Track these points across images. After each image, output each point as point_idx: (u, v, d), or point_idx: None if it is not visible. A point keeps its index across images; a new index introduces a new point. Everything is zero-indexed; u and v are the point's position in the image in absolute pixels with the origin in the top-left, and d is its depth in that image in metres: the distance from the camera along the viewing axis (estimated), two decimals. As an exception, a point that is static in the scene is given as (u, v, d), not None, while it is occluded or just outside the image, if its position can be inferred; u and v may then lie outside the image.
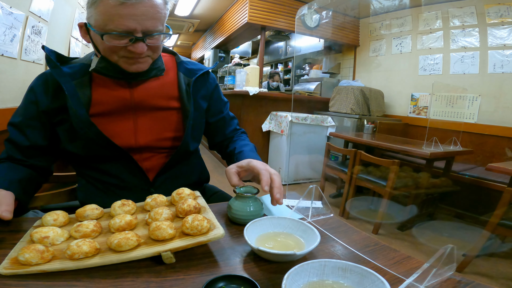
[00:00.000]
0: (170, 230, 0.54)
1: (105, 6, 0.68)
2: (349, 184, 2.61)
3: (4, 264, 0.47)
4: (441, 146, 2.39)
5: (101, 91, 0.82)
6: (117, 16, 0.68)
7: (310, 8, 4.11)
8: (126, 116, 0.84)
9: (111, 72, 0.80)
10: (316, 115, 3.72)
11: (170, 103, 0.89)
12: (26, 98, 0.83)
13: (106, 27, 0.70)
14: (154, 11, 0.72)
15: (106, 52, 0.76)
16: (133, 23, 0.70)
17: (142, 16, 0.70)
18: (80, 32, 0.80)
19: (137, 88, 0.85)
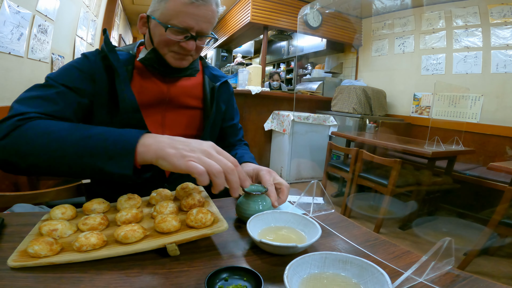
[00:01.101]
0: (175, 223, 0.56)
1: (175, 2, 0.77)
2: (351, 183, 2.62)
3: (13, 256, 0.48)
4: (443, 146, 2.40)
5: (140, 82, 0.89)
6: (182, 14, 0.77)
7: (312, 7, 4.12)
8: (157, 109, 0.91)
9: (156, 64, 0.87)
10: (318, 115, 3.73)
11: (195, 103, 0.97)
12: (68, 70, 0.82)
13: (169, 21, 0.78)
14: (211, 16, 0.82)
15: (160, 43, 0.83)
16: (193, 22, 0.79)
17: (202, 17, 0.79)
18: (138, 23, 0.88)
19: (172, 84, 0.93)
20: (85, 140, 0.60)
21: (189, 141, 0.61)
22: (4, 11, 1.42)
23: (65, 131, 0.62)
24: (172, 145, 0.59)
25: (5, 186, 1.50)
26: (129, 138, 0.60)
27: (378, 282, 0.44)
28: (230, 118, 1.10)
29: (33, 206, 0.98)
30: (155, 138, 0.61)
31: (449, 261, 0.53)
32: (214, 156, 0.59)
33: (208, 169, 0.56)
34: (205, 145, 0.61)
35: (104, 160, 0.58)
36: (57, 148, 0.60)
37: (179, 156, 0.57)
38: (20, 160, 0.61)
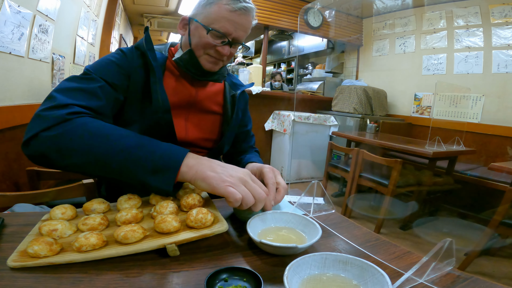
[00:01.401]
0: (175, 223, 0.56)
1: (219, 8, 0.82)
2: (351, 183, 2.61)
3: (13, 256, 0.48)
4: (444, 146, 2.39)
5: (171, 84, 0.92)
6: (224, 19, 0.82)
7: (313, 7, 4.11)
8: (182, 111, 0.94)
9: (189, 65, 0.90)
10: (318, 115, 3.72)
11: (216, 108, 1.01)
12: (107, 64, 0.83)
13: (211, 25, 0.83)
14: (248, 26, 0.88)
15: (198, 45, 0.87)
16: (232, 29, 0.84)
17: (240, 25, 0.85)
18: (179, 24, 0.93)
19: (199, 88, 0.96)
20: (133, 150, 0.61)
21: (227, 166, 0.65)
22: (5, 11, 1.42)
23: (114, 136, 0.63)
24: (212, 168, 0.62)
25: (6, 186, 1.50)
26: (175, 156, 0.62)
27: (379, 283, 0.44)
28: (244, 124, 1.14)
29: (33, 206, 0.98)
30: (197, 160, 0.64)
31: (450, 261, 0.53)
32: (250, 185, 0.62)
33: (244, 197, 0.59)
34: (241, 173, 0.64)
35: (147, 172, 0.60)
36: (104, 153, 0.61)
37: (219, 180, 0.60)
38: (60, 157, 0.61)
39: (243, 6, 0.83)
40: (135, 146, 0.61)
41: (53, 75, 2.09)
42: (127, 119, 0.85)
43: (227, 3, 0.82)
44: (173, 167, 0.60)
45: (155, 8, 5.27)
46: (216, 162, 0.65)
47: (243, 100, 1.10)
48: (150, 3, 5.00)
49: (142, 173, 0.60)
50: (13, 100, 1.58)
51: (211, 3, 0.83)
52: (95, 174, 0.65)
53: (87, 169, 0.63)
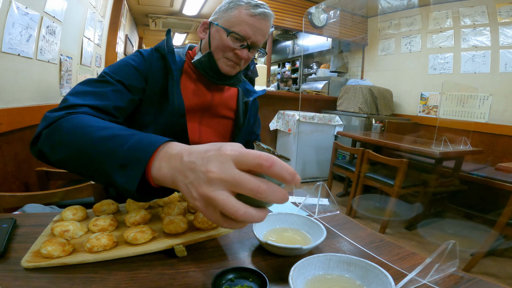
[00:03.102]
0: (183, 224, 0.57)
1: (239, 12, 0.85)
2: (357, 183, 2.61)
3: (27, 257, 0.49)
4: (451, 146, 2.38)
5: (187, 87, 0.93)
6: (244, 23, 0.85)
7: (318, 7, 4.11)
8: (196, 115, 0.95)
9: (207, 68, 0.91)
10: (323, 114, 3.72)
11: (229, 113, 1.03)
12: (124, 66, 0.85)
13: (231, 28, 0.86)
14: (266, 31, 0.90)
15: (218, 48, 0.88)
16: (251, 32, 0.86)
17: (259, 30, 0.87)
18: (199, 28, 0.94)
19: (215, 92, 0.98)
20: (105, 141, 0.52)
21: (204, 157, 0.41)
22: (13, 13, 1.45)
23: (92, 128, 0.56)
24: (183, 173, 0.42)
25: (16, 186, 1.53)
26: (145, 148, 0.47)
27: (382, 283, 0.45)
28: (253, 131, 1.17)
29: (43, 206, 1.00)
30: (175, 152, 0.45)
31: (454, 263, 0.54)
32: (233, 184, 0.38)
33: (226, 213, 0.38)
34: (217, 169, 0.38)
35: (114, 167, 0.48)
36: (81, 146, 0.54)
37: (188, 193, 0.41)
38: (51, 152, 0.59)
39: (263, 12, 0.86)
40: (108, 137, 0.52)
41: (61, 76, 2.12)
42: (141, 121, 0.87)
43: (247, 8, 0.85)
44: (140, 160, 0.46)
45: (159, 8, 5.30)
46: (188, 154, 0.43)
47: (254, 107, 1.11)
48: (154, 3, 5.03)
49: (109, 168, 0.49)
50: (22, 101, 1.61)
51: (231, 7, 0.86)
52: (79, 172, 0.56)
53: (72, 166, 0.57)
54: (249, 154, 0.38)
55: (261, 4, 0.87)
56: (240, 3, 0.86)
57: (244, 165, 0.38)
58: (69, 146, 0.56)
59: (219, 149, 0.40)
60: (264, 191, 0.37)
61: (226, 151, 0.39)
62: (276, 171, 0.37)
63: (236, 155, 0.39)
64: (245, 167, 0.38)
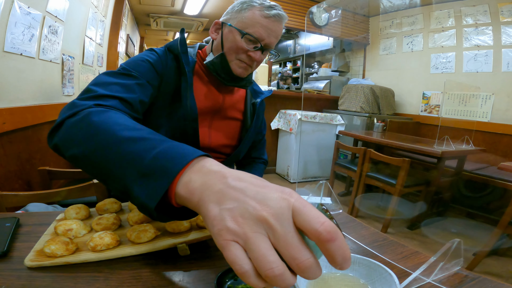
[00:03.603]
0: (186, 223, 0.57)
1: (253, 13, 0.84)
2: (358, 183, 2.61)
3: (30, 256, 0.49)
4: (453, 145, 2.37)
5: (199, 89, 0.93)
6: (258, 25, 0.84)
7: (319, 6, 4.10)
8: (206, 116, 0.95)
9: (219, 69, 0.90)
10: (325, 114, 3.71)
11: (237, 115, 1.03)
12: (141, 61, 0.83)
13: (245, 29, 0.85)
14: (279, 34, 0.89)
15: (231, 49, 0.88)
16: (265, 34, 0.86)
17: (273, 32, 0.87)
18: (211, 28, 0.93)
19: (226, 94, 0.98)
20: (130, 142, 0.45)
21: (254, 190, 0.33)
22: (15, 12, 1.45)
23: (120, 126, 0.49)
24: (221, 195, 0.33)
25: (19, 185, 1.53)
26: (176, 158, 0.40)
27: (386, 282, 0.44)
28: (259, 132, 1.16)
29: (46, 206, 1.01)
30: (212, 167, 0.38)
31: (458, 261, 0.53)
32: (279, 235, 0.29)
33: (255, 264, 0.29)
34: (270, 206, 0.31)
35: (134, 174, 0.41)
36: (99, 142, 0.48)
37: (217, 225, 0.31)
38: (68, 144, 0.53)
39: (277, 13, 0.86)
40: (135, 138, 0.45)
41: (63, 76, 2.12)
42: (154, 122, 0.86)
43: (261, 10, 0.84)
44: (167, 172, 0.38)
45: (161, 8, 5.30)
46: (235, 179, 0.35)
47: (262, 107, 1.11)
48: (156, 3, 5.04)
49: (128, 174, 0.42)
50: (25, 101, 1.61)
51: (245, 8, 0.86)
52: (92, 172, 0.50)
53: (86, 164, 0.50)
54: (314, 215, 0.30)
55: (275, 5, 0.86)
56: (253, 4, 0.85)
57: (301, 223, 0.30)
58: (88, 141, 0.49)
59: (283, 192, 0.32)
60: (305, 269, 0.29)
61: (291, 197, 0.31)
62: (332, 249, 0.28)
63: (299, 207, 0.31)
64: (299, 225, 0.30)
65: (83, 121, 0.53)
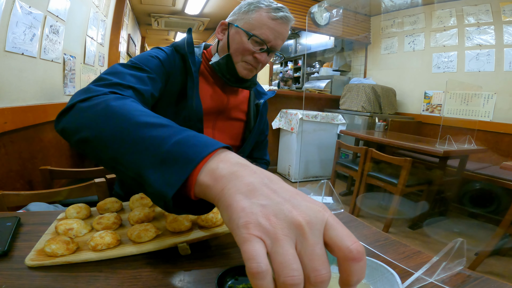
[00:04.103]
0: (187, 223, 0.57)
1: (260, 15, 0.84)
2: (360, 182, 2.60)
3: (31, 255, 0.49)
4: (455, 144, 2.36)
5: (205, 89, 0.92)
6: (265, 26, 0.84)
7: (320, 6, 4.09)
8: (211, 117, 0.94)
9: (224, 70, 0.90)
10: (326, 113, 3.71)
11: (241, 115, 1.03)
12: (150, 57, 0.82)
13: (251, 31, 0.85)
14: (285, 36, 0.89)
15: (238, 51, 0.87)
16: (271, 36, 0.85)
17: (279, 35, 0.87)
18: (218, 28, 0.92)
19: (231, 95, 0.98)
20: (149, 127, 0.42)
21: (285, 190, 0.32)
22: (16, 12, 1.45)
23: (139, 112, 0.47)
24: (251, 188, 0.32)
25: (20, 185, 1.54)
26: (201, 144, 0.38)
27: (388, 282, 0.44)
28: (262, 132, 1.16)
29: (48, 205, 1.01)
30: (241, 160, 0.37)
31: (461, 261, 0.53)
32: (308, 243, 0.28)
33: (276, 268, 0.27)
34: (306, 213, 0.29)
35: (151, 161, 0.39)
36: (114, 125, 0.45)
37: (245, 218, 0.29)
38: (78, 126, 0.50)
39: (284, 16, 0.85)
40: (155, 124, 0.43)
41: (64, 76, 2.13)
42: None
43: (268, 11, 0.84)
44: (189, 159, 0.36)
45: (162, 7, 5.30)
46: (268, 177, 0.34)
47: (265, 108, 1.11)
48: (157, 2, 5.04)
49: (144, 160, 0.39)
50: (26, 100, 1.61)
51: (252, 10, 0.86)
52: (100, 157, 0.47)
53: (95, 148, 0.47)
54: (347, 233, 0.30)
55: (282, 7, 0.86)
56: (260, 5, 0.85)
57: (333, 238, 0.29)
58: (104, 123, 0.47)
59: (317, 204, 0.31)
60: (321, 283, 0.27)
61: (325, 211, 0.31)
62: (354, 269, 0.28)
63: (333, 223, 0.30)
64: (329, 238, 0.29)
65: (99, 105, 0.50)
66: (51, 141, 1.90)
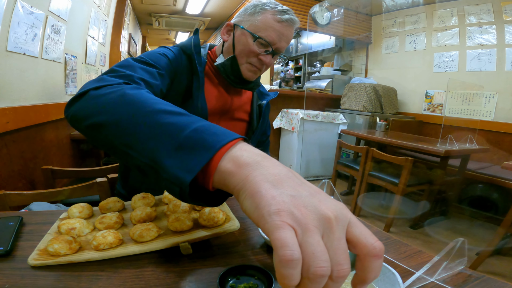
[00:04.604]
0: (188, 222, 0.57)
1: (266, 17, 0.85)
2: (361, 182, 2.60)
3: (34, 255, 0.49)
4: (456, 144, 2.36)
5: (210, 90, 0.93)
6: (271, 29, 0.85)
7: (321, 5, 4.09)
8: (214, 118, 0.95)
9: (229, 72, 0.91)
10: (327, 113, 3.71)
11: (244, 116, 1.04)
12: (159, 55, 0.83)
13: (257, 33, 0.86)
14: (290, 38, 0.90)
15: (243, 52, 0.88)
16: (276, 39, 0.86)
17: (284, 37, 0.87)
18: (223, 29, 0.93)
19: (234, 96, 0.98)
20: (167, 115, 0.42)
21: (307, 186, 0.33)
22: (18, 12, 1.45)
23: (156, 100, 0.47)
24: (278, 180, 0.32)
25: (22, 184, 1.54)
26: (219, 136, 0.38)
27: (389, 281, 0.44)
28: (264, 132, 1.17)
29: (50, 204, 1.01)
30: (256, 155, 0.36)
31: (462, 261, 0.53)
32: (334, 238, 0.29)
33: (306, 258, 0.27)
34: (333, 209, 0.30)
35: (168, 146, 0.38)
36: (131, 110, 0.45)
37: (276, 206, 0.29)
38: (90, 112, 0.49)
39: (290, 18, 0.86)
40: (172, 112, 0.43)
41: (66, 75, 2.13)
42: None
43: (273, 14, 0.85)
44: (207, 147, 0.36)
45: (162, 7, 5.31)
46: (291, 171, 0.34)
47: (267, 109, 1.11)
48: (157, 2, 5.04)
49: (163, 145, 0.38)
50: (28, 100, 1.62)
51: (258, 12, 0.86)
52: (112, 143, 0.46)
53: (108, 134, 0.46)
54: (369, 232, 0.30)
55: (288, 10, 0.87)
56: (266, 8, 0.86)
57: (357, 235, 0.30)
58: (120, 108, 0.46)
59: (339, 202, 0.32)
60: (342, 277, 0.28)
61: (348, 211, 0.31)
62: (373, 265, 0.29)
63: (356, 222, 0.31)
64: (353, 235, 0.30)
65: (115, 93, 0.49)
66: (52, 140, 1.90)
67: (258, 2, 0.88)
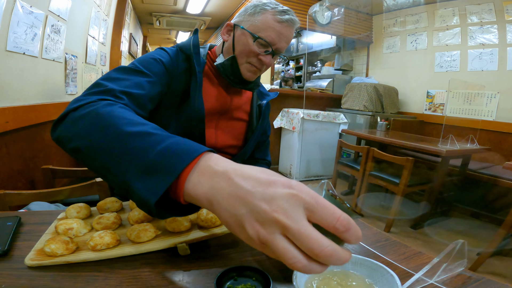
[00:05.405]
0: (186, 223, 0.57)
1: (266, 17, 0.85)
2: (361, 182, 2.59)
3: (30, 255, 0.49)
4: (458, 144, 2.35)
5: (208, 90, 0.93)
6: (271, 29, 0.85)
7: (322, 5, 4.08)
8: (214, 117, 0.95)
9: (228, 72, 0.90)
10: (328, 112, 3.70)
11: (244, 116, 1.04)
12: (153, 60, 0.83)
13: (257, 33, 0.85)
14: (290, 39, 0.90)
15: (243, 52, 0.88)
16: (276, 39, 0.86)
17: (284, 37, 0.87)
18: (223, 29, 0.93)
19: (234, 96, 0.98)
20: (134, 137, 0.45)
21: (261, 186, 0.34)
22: (18, 12, 1.45)
23: (124, 120, 0.49)
24: (235, 196, 0.35)
25: (21, 184, 1.54)
26: (183, 152, 0.41)
27: (388, 283, 0.44)
28: (264, 132, 1.17)
29: (49, 204, 1.01)
30: (218, 166, 0.39)
31: (462, 262, 0.53)
32: (293, 231, 0.31)
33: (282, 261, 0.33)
34: (281, 207, 0.32)
35: (136, 170, 0.42)
36: (102, 135, 0.48)
37: (238, 222, 0.35)
38: (70, 136, 0.53)
39: (290, 19, 0.86)
40: (139, 133, 0.45)
41: (66, 75, 2.13)
42: (162, 122, 0.86)
43: (274, 14, 0.85)
44: (172, 169, 0.39)
45: (163, 7, 5.31)
46: (244, 174, 0.37)
47: (267, 109, 1.11)
48: (158, 2, 5.04)
49: (130, 169, 0.42)
50: (28, 100, 1.62)
51: (258, 12, 0.86)
52: (92, 166, 0.49)
53: (87, 158, 0.50)
54: (327, 211, 0.32)
55: (288, 10, 0.87)
56: (266, 8, 0.85)
57: (317, 219, 0.32)
58: (92, 134, 0.49)
59: (291, 187, 0.33)
60: (327, 257, 0.31)
61: (301, 193, 0.32)
62: (348, 236, 0.33)
63: (311, 203, 0.32)
64: (315, 220, 0.32)
65: (88, 115, 0.53)
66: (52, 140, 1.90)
67: (258, 2, 0.88)
